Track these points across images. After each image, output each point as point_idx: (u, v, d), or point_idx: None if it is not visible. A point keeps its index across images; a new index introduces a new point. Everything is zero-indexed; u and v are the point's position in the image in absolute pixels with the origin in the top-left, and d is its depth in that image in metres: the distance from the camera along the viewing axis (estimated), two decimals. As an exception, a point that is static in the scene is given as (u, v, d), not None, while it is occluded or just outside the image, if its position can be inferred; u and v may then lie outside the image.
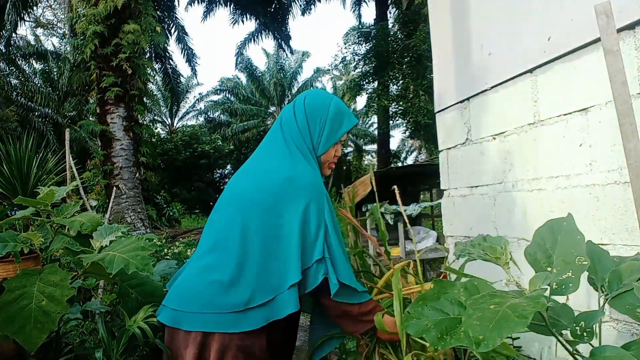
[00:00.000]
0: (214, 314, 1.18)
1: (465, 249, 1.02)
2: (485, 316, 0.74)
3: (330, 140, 1.32)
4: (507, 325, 0.70)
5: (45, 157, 5.54)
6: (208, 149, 18.85)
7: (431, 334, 0.88)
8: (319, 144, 1.32)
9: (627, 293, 0.89)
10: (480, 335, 0.70)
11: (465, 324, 0.75)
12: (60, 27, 20.14)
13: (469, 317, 0.75)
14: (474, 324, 0.73)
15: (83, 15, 8.65)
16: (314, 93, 1.38)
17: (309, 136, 1.30)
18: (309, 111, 1.31)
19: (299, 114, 1.32)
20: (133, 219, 8.71)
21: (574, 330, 0.90)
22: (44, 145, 8.32)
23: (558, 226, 0.97)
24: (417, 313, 0.94)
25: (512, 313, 0.72)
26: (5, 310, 1.34)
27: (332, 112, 1.32)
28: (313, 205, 1.21)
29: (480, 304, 0.78)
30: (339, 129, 1.34)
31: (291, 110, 1.34)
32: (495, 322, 0.71)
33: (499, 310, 0.74)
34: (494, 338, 0.69)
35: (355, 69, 14.53)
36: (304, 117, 1.31)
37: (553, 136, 1.72)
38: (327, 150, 1.33)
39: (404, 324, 0.95)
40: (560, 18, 1.66)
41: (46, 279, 1.42)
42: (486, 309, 0.76)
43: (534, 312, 0.72)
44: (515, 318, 0.71)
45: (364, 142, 27.32)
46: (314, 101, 1.34)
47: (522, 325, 0.69)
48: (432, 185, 5.26)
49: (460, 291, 0.94)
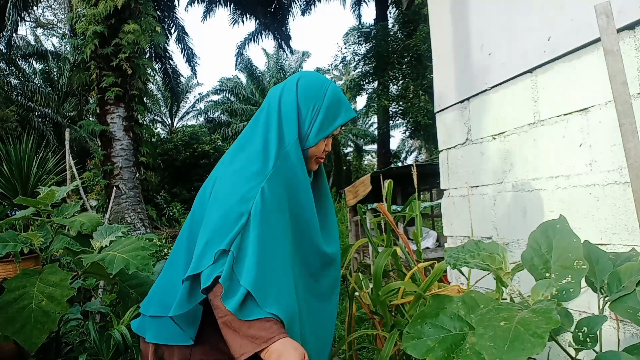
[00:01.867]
0: (161, 318, 1.08)
1: (458, 256, 0.97)
2: (498, 335, 0.70)
3: (322, 131, 1.12)
4: (524, 347, 0.66)
5: (45, 157, 5.55)
6: (208, 149, 18.83)
7: (437, 353, 0.82)
8: (309, 135, 1.11)
9: (628, 296, 0.88)
10: (497, 358, 0.66)
11: (479, 346, 0.70)
12: (60, 27, 20.15)
13: (481, 338, 0.71)
14: (488, 345, 0.69)
15: (83, 15, 8.66)
16: (309, 75, 1.18)
17: (296, 124, 1.10)
18: (301, 95, 1.11)
19: (288, 97, 1.12)
20: (133, 219, 8.71)
21: (576, 335, 0.88)
22: (44, 145, 8.33)
23: (552, 229, 0.95)
24: (417, 332, 0.87)
25: (525, 332, 0.69)
26: (5, 311, 1.34)
27: (328, 99, 1.12)
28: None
29: (488, 320, 0.74)
30: (334, 121, 1.14)
31: (278, 93, 1.15)
32: (510, 342, 0.68)
33: (511, 328, 0.70)
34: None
35: (355, 69, 14.53)
36: (295, 101, 1.11)
37: (553, 136, 1.72)
38: (317, 143, 1.13)
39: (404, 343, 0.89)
40: (560, 18, 1.66)
41: (46, 279, 1.42)
42: (497, 327, 0.72)
43: (549, 329, 0.68)
44: (530, 338, 0.67)
45: (364, 142, 27.30)
46: (309, 84, 1.14)
47: (539, 346, 0.66)
48: (432, 185, 5.26)
49: (459, 305, 0.89)
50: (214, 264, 0.94)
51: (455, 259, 0.96)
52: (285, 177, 1.07)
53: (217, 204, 1.03)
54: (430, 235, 5.05)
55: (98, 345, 1.46)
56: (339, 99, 1.15)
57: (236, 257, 0.94)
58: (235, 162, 1.11)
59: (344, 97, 1.18)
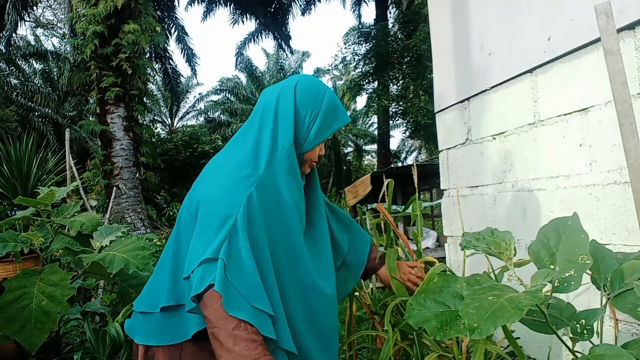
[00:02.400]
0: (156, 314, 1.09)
1: (471, 240, 1.03)
2: (482, 306, 0.76)
3: (320, 136, 1.12)
4: (502, 315, 0.72)
5: (45, 157, 5.55)
6: (208, 149, 18.83)
7: (431, 324, 0.89)
8: (306, 139, 1.12)
9: (628, 292, 0.89)
10: (475, 323, 0.73)
11: (462, 312, 0.77)
12: (60, 27, 20.15)
13: (466, 306, 0.77)
14: (470, 312, 0.75)
15: (83, 15, 8.67)
16: (307, 80, 1.17)
17: (292, 129, 1.09)
18: (299, 100, 1.10)
19: (285, 100, 1.11)
20: (133, 219, 8.72)
21: (574, 327, 0.90)
22: (44, 145, 8.33)
23: (563, 225, 0.97)
24: (419, 304, 0.96)
25: (508, 305, 0.74)
26: (5, 310, 1.34)
27: (325, 104, 1.12)
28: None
29: (479, 294, 0.80)
30: (330, 126, 1.14)
31: (275, 96, 1.13)
32: (491, 312, 0.74)
33: (496, 302, 0.76)
34: (487, 327, 0.71)
35: (355, 69, 14.53)
36: (292, 105, 1.10)
37: (553, 136, 1.72)
38: (313, 147, 1.13)
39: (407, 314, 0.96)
40: (560, 18, 1.66)
41: (46, 279, 1.42)
42: (484, 299, 0.78)
43: (530, 305, 0.74)
44: (510, 309, 0.73)
45: (364, 142, 27.29)
46: (307, 89, 1.13)
47: (516, 316, 0.71)
48: (432, 185, 5.26)
49: (463, 285, 0.95)
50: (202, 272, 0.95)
51: (467, 242, 1.03)
52: (274, 183, 1.06)
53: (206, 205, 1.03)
54: (430, 235, 5.06)
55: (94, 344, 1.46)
56: (336, 105, 1.15)
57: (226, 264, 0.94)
58: (226, 165, 1.11)
59: (340, 102, 1.19)
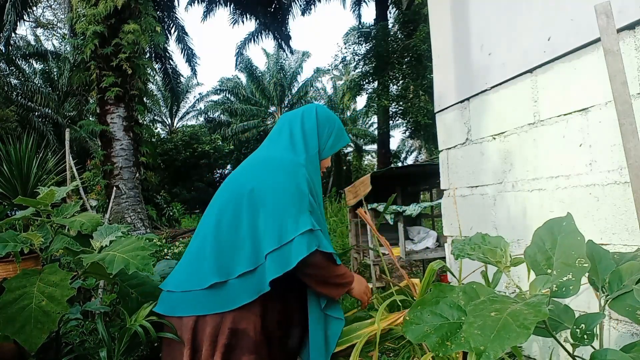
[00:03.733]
0: (201, 291, 1.25)
1: (463, 248, 1.00)
2: (487, 325, 0.72)
3: (333, 149, 1.52)
4: (509, 337, 0.69)
5: (45, 157, 5.55)
6: (208, 149, 18.86)
7: (432, 339, 0.86)
8: (324, 149, 1.50)
9: (627, 295, 0.88)
10: (482, 345, 0.69)
11: (467, 333, 0.73)
12: (60, 27, 20.14)
13: (470, 326, 0.74)
14: (475, 333, 0.71)
15: (83, 15, 8.66)
16: (324, 108, 1.60)
17: (316, 139, 1.47)
18: (321, 119, 1.50)
19: (309, 120, 1.49)
20: (133, 219, 8.71)
21: (574, 332, 0.88)
22: (44, 145, 8.32)
23: (558, 226, 0.95)
24: (416, 318, 0.92)
25: (513, 322, 0.71)
26: (5, 311, 1.34)
27: (337, 126, 1.54)
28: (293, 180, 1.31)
29: (480, 310, 0.77)
30: (339, 142, 1.55)
31: (299, 116, 1.51)
32: (497, 332, 0.70)
33: (500, 319, 0.72)
34: (495, 349, 0.68)
35: (355, 69, 14.51)
36: (315, 123, 1.49)
37: (553, 136, 1.72)
38: (328, 156, 1.53)
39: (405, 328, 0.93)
40: (560, 18, 1.66)
41: (46, 279, 1.42)
42: (487, 316, 0.74)
43: (536, 322, 0.70)
44: (516, 328, 0.69)
45: (364, 142, 27.30)
46: (326, 113, 1.54)
47: (524, 336, 0.68)
48: (432, 185, 5.26)
49: (460, 295, 0.92)
50: (308, 240, 1.22)
51: (459, 250, 1.01)
52: (311, 171, 1.40)
53: (277, 190, 1.29)
54: (430, 235, 5.05)
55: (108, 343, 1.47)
56: (342, 128, 1.57)
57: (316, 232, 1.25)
58: (272, 160, 1.40)
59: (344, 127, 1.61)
